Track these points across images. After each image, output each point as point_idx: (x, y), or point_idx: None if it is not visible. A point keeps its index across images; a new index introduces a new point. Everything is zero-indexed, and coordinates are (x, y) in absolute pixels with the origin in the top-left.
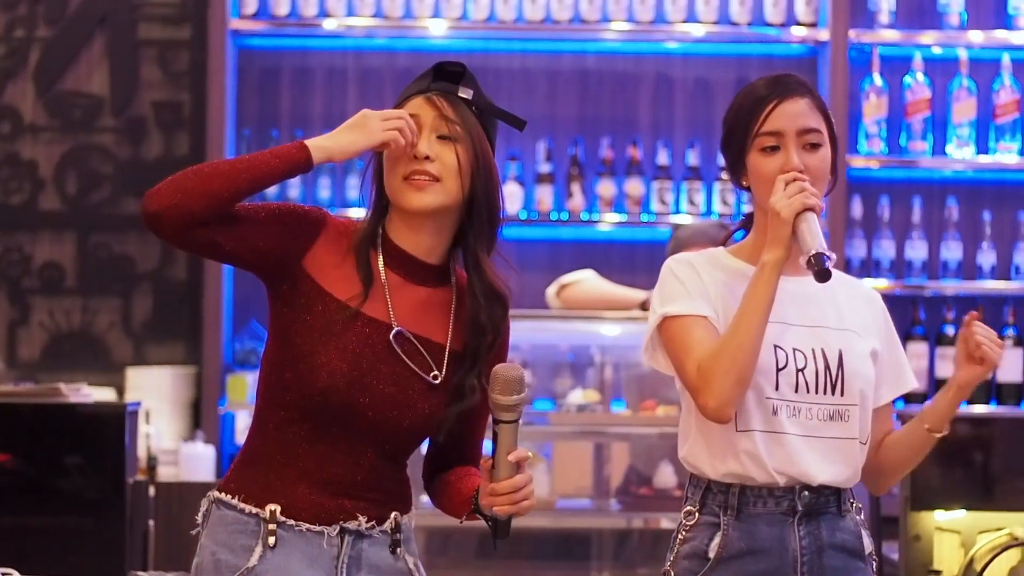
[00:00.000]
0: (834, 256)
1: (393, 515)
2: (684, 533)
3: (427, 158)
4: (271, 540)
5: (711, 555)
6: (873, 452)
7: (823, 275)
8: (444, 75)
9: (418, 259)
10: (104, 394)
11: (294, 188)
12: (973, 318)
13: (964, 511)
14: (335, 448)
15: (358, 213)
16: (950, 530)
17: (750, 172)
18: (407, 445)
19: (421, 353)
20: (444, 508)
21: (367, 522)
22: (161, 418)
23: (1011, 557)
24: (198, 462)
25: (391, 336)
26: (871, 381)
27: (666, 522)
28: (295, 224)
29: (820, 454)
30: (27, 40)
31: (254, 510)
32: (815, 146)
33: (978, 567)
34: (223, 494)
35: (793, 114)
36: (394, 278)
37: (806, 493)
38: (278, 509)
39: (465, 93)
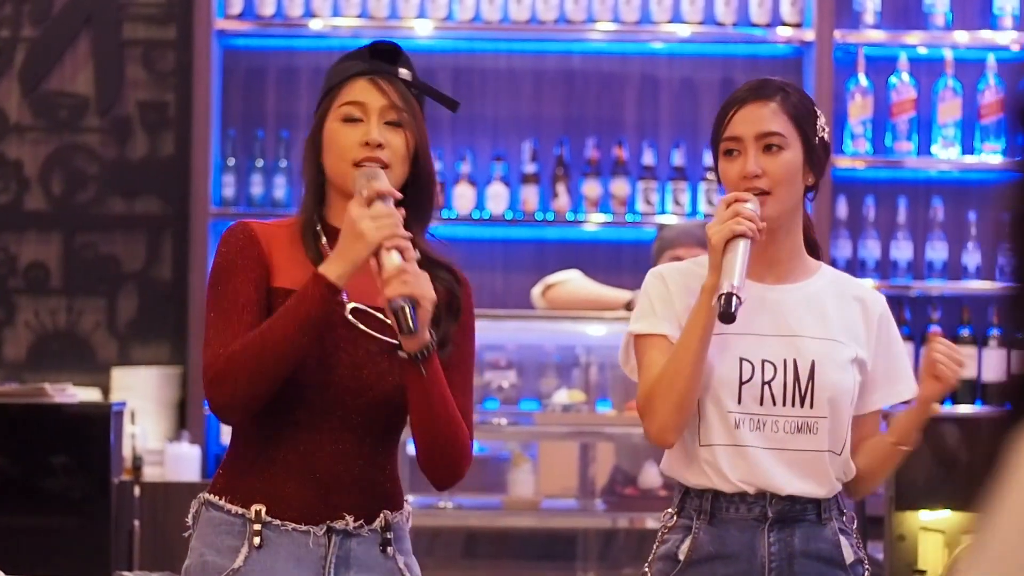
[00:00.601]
0: (743, 298)
1: (383, 514)
2: (662, 535)
3: (379, 145)
4: (256, 540)
5: (681, 557)
6: (851, 457)
7: (726, 317)
8: (380, 55)
9: None
10: (89, 394)
11: (257, 186)
12: (935, 337)
13: (949, 511)
14: (318, 436)
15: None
16: (935, 530)
17: (721, 177)
18: (389, 420)
19: (381, 321)
20: (416, 428)
21: (355, 521)
22: (146, 418)
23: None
24: (183, 462)
25: (347, 312)
26: (848, 390)
27: (651, 522)
28: (255, 267)
29: (786, 466)
30: (12, 40)
31: (240, 510)
32: (776, 148)
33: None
34: (212, 495)
35: (753, 119)
36: None
37: (777, 500)
38: (263, 509)
39: (404, 74)
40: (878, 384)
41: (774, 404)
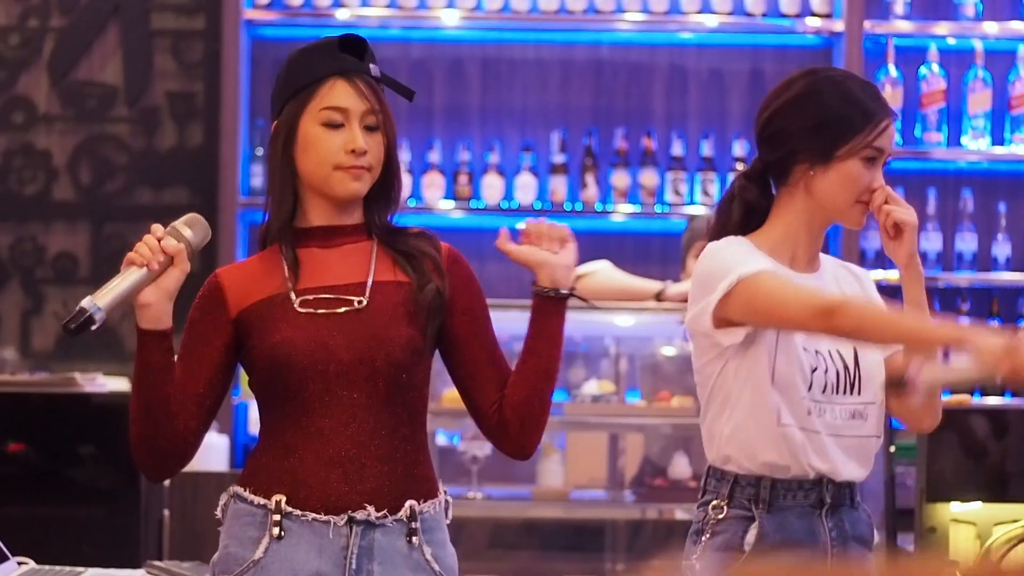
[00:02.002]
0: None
1: (408, 503)
2: (713, 525)
3: (364, 153)
4: (276, 531)
5: (747, 548)
6: None
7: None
8: (348, 49)
9: (336, 225)
10: (119, 384)
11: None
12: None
13: (980, 503)
14: (330, 420)
15: None
16: (966, 522)
17: (836, 174)
18: (398, 396)
19: (342, 298)
20: (532, 382)
21: (377, 511)
22: None
23: None
24: (212, 452)
25: (296, 306)
26: (880, 374)
27: (680, 513)
28: (208, 320)
29: (843, 452)
30: (41, 30)
31: (262, 501)
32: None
33: (994, 558)
34: (239, 488)
35: (892, 135)
36: (313, 251)
37: (832, 486)
38: (283, 499)
39: (374, 70)
40: None
41: (832, 392)
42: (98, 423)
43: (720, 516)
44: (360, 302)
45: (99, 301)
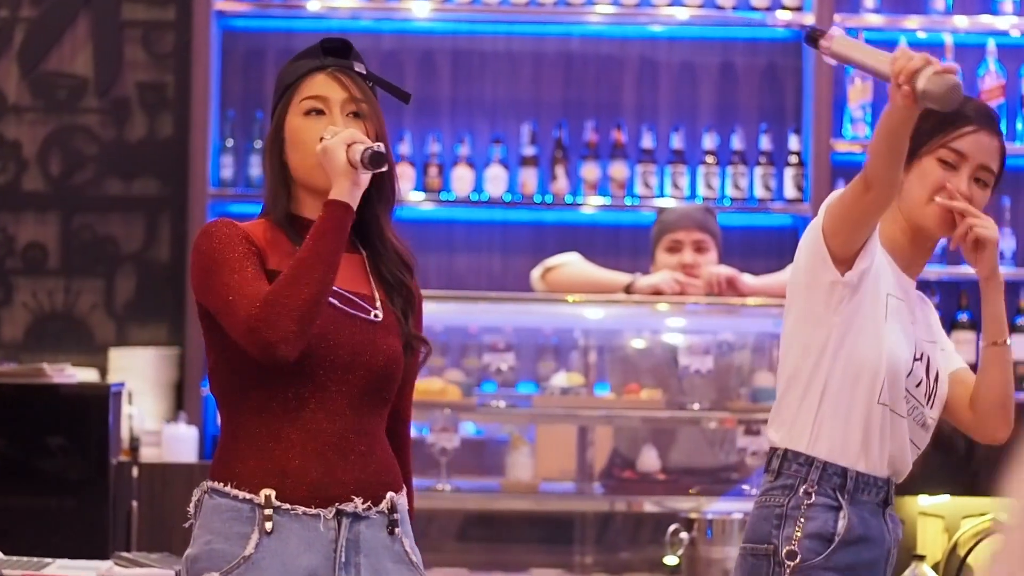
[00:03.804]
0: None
1: (388, 495)
2: (804, 509)
3: None
4: (268, 526)
5: (836, 537)
6: (972, 405)
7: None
8: (333, 51)
9: None
10: (87, 375)
11: (255, 167)
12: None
13: (948, 496)
14: (317, 413)
15: None
16: (934, 515)
17: (915, 172)
18: (383, 393)
19: (358, 303)
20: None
21: (363, 503)
22: (144, 399)
23: (995, 542)
24: (181, 443)
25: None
26: (946, 397)
27: (649, 505)
28: (250, 245)
29: (910, 455)
30: (11, 20)
31: (248, 496)
32: (983, 184)
33: (962, 552)
34: (215, 482)
35: (984, 148)
36: None
37: (893, 485)
38: (273, 494)
39: (360, 68)
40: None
41: (920, 399)
42: (67, 414)
43: (810, 502)
44: (376, 316)
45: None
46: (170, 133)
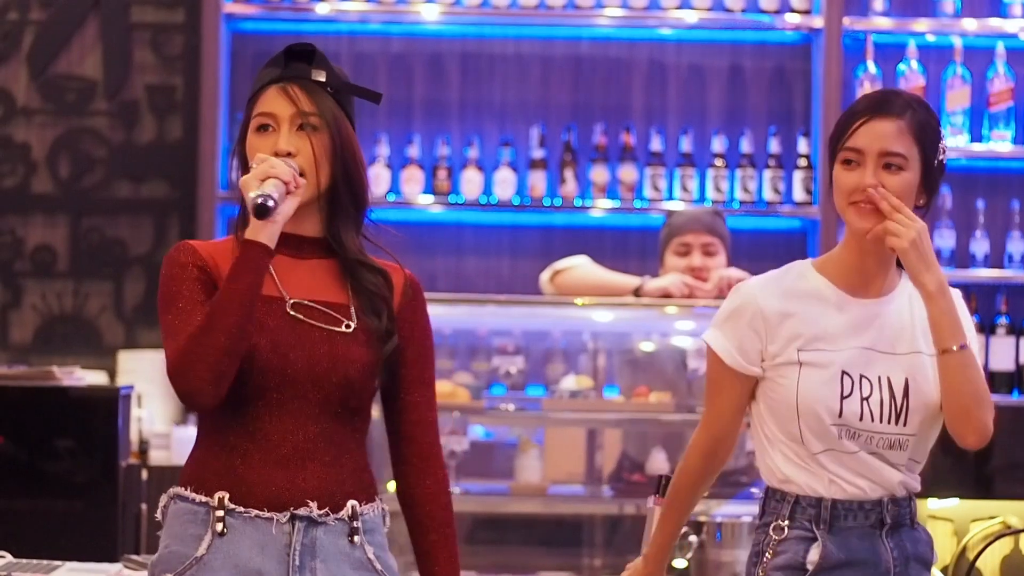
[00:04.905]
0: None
1: (350, 503)
2: (773, 547)
3: (288, 154)
4: (219, 527)
5: (809, 566)
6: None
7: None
8: (295, 57)
9: (299, 235)
10: (96, 377)
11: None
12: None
13: (957, 499)
14: (280, 424)
15: None
16: (943, 518)
17: (834, 182)
18: (350, 404)
19: (327, 313)
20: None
21: (319, 508)
22: (153, 402)
23: (1004, 546)
24: (189, 446)
25: (288, 308)
26: (937, 403)
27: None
28: (200, 274)
29: (887, 468)
30: (20, 23)
31: (204, 499)
32: (896, 168)
33: (971, 555)
34: (180, 488)
35: (879, 135)
36: (283, 259)
37: (891, 505)
38: (227, 496)
39: (319, 76)
40: None
41: (872, 420)
42: (76, 416)
43: (780, 537)
44: (348, 326)
45: (267, 190)
46: (179, 136)
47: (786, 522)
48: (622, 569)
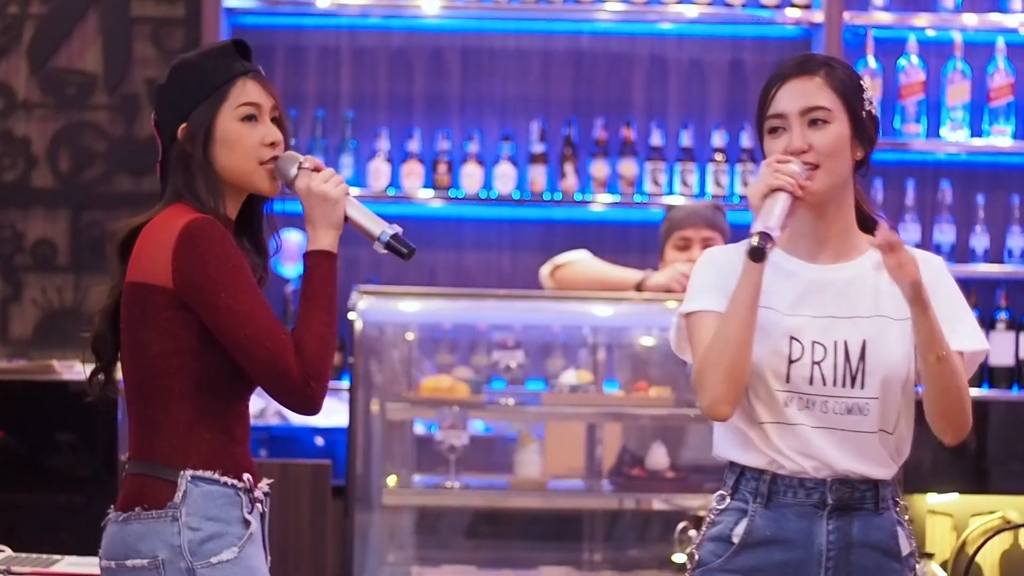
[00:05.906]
0: (776, 239)
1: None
2: (713, 516)
3: (274, 144)
4: (259, 507)
5: (735, 540)
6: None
7: (755, 254)
8: (243, 53)
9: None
10: None
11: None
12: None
13: (957, 494)
14: (245, 406)
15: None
16: (942, 513)
17: (765, 155)
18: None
19: None
20: None
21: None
22: None
23: (1003, 540)
24: None
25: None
26: (900, 368)
27: (658, 503)
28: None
29: (837, 445)
30: (20, 16)
31: (232, 481)
32: (822, 122)
33: (970, 550)
34: (200, 471)
35: (798, 94)
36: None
37: (837, 485)
38: (251, 479)
39: (262, 69)
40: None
41: (824, 384)
42: (76, 411)
43: (722, 507)
44: None
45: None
46: None
47: (729, 492)
48: (622, 563)
